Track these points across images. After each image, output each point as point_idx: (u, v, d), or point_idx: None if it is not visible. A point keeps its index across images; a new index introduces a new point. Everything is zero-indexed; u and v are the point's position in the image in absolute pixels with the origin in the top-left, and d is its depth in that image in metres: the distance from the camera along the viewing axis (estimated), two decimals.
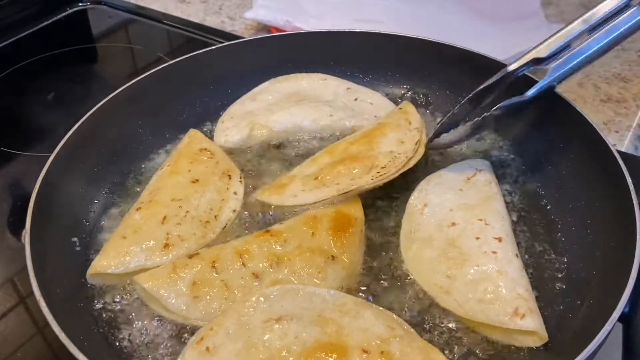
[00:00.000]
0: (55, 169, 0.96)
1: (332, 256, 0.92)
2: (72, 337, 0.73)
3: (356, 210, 0.99)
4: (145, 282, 0.88)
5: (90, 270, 0.91)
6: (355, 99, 1.24)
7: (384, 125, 1.12)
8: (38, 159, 0.99)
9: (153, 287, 0.87)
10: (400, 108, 1.17)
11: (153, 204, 0.99)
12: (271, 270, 0.89)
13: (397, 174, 1.02)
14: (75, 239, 0.97)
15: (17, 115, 1.40)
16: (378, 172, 1.02)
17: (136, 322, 0.88)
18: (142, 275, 0.89)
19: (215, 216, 1.01)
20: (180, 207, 0.99)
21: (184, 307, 0.86)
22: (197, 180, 1.04)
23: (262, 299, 0.84)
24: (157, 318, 0.88)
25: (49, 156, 0.98)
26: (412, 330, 0.83)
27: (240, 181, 1.08)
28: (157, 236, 0.95)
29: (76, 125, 1.03)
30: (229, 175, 1.08)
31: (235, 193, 1.05)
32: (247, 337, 0.80)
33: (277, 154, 1.16)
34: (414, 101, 1.25)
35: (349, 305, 0.84)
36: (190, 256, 0.91)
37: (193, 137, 1.15)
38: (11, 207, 1.16)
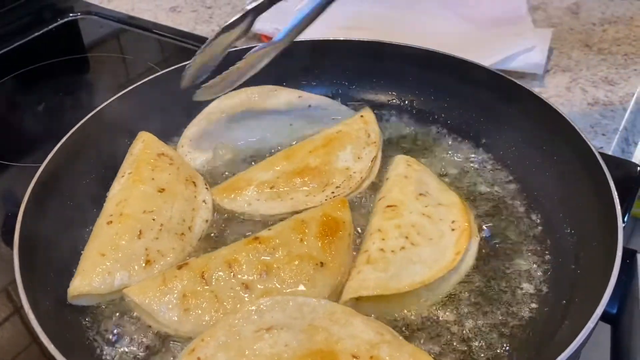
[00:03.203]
0: (45, 180, 0.97)
1: (321, 262, 0.92)
2: (61, 349, 0.74)
3: (344, 214, 0.99)
4: (136, 295, 0.88)
5: (72, 292, 0.89)
6: (309, 106, 1.25)
7: (344, 136, 1.14)
8: (29, 169, 0.99)
9: (144, 300, 0.87)
10: (362, 116, 1.18)
11: (124, 217, 0.97)
12: (260, 279, 0.89)
13: (350, 195, 1.06)
14: (64, 249, 0.97)
15: (8, 126, 1.40)
16: (332, 192, 1.05)
17: (126, 333, 0.88)
18: (132, 289, 0.89)
19: (189, 227, 1.00)
20: (153, 219, 0.98)
21: (175, 320, 0.86)
22: (163, 189, 1.03)
23: (252, 310, 0.85)
24: (147, 329, 0.88)
25: (39, 167, 0.98)
26: (400, 336, 0.84)
27: (207, 188, 1.08)
28: (137, 252, 0.93)
29: (65, 137, 1.04)
30: (194, 182, 1.07)
31: (204, 202, 1.05)
32: (238, 346, 0.80)
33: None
34: (399, 107, 1.26)
35: (338, 314, 0.84)
36: (180, 267, 0.91)
37: (147, 142, 1.12)
38: (4, 217, 1.17)
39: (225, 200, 1.07)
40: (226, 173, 1.14)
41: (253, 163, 1.15)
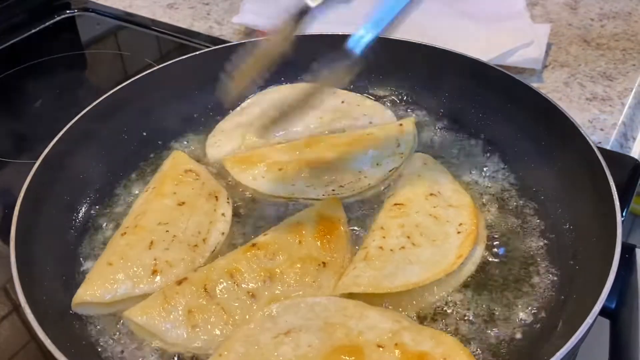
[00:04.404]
0: (41, 176, 0.97)
1: (323, 262, 0.92)
2: (59, 345, 0.73)
3: (337, 211, 0.99)
4: (138, 316, 0.85)
5: (76, 300, 0.88)
6: (342, 102, 1.25)
7: (372, 139, 1.13)
8: (26, 166, 0.99)
9: (148, 322, 0.84)
10: (400, 124, 1.17)
11: (138, 228, 0.96)
12: (265, 286, 0.88)
13: (350, 198, 1.05)
14: (61, 246, 0.97)
15: (5, 123, 1.40)
16: (333, 190, 1.04)
17: (125, 328, 0.88)
18: (132, 310, 0.86)
19: (203, 239, 0.97)
20: (167, 231, 0.96)
21: (184, 337, 0.84)
22: (183, 202, 1.01)
23: (265, 317, 0.84)
24: None
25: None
26: (416, 321, 0.85)
27: (228, 202, 1.05)
28: (144, 262, 0.92)
29: (61, 132, 1.04)
30: (216, 197, 1.05)
31: (223, 214, 1.03)
32: (260, 354, 0.79)
33: None
34: (397, 103, 1.26)
35: (350, 308, 0.84)
36: (179, 282, 0.89)
37: (177, 159, 1.13)
38: (1, 215, 1.16)
39: (235, 170, 1.09)
40: None
41: None
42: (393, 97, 1.27)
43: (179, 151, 1.16)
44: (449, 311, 0.88)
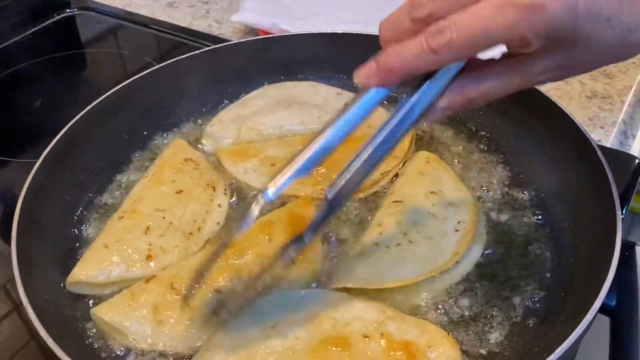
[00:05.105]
0: (42, 175, 0.97)
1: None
2: (60, 342, 0.73)
3: (309, 210, 0.99)
4: (104, 313, 0.85)
5: (70, 279, 0.90)
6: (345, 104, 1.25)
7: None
8: (27, 165, 0.99)
9: (114, 318, 0.85)
10: None
11: (136, 213, 0.98)
12: (232, 284, 0.88)
13: None
14: (62, 244, 0.98)
15: (5, 123, 1.40)
16: (322, 189, 1.03)
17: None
18: (100, 307, 0.87)
19: (198, 228, 0.99)
20: (163, 217, 0.98)
21: (148, 334, 0.84)
22: (181, 191, 1.03)
23: (250, 311, 0.84)
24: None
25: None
26: (399, 311, 0.85)
27: (225, 193, 1.07)
28: (139, 247, 0.93)
29: (62, 132, 1.04)
30: (214, 187, 1.07)
31: (219, 205, 1.04)
32: (248, 348, 0.80)
33: None
34: (396, 100, 1.25)
35: (334, 300, 0.85)
36: (147, 280, 0.89)
37: (177, 147, 1.14)
38: (2, 214, 1.17)
39: (228, 162, 1.10)
40: None
41: None
42: (393, 95, 1.27)
43: (180, 139, 1.17)
44: (445, 308, 0.88)
